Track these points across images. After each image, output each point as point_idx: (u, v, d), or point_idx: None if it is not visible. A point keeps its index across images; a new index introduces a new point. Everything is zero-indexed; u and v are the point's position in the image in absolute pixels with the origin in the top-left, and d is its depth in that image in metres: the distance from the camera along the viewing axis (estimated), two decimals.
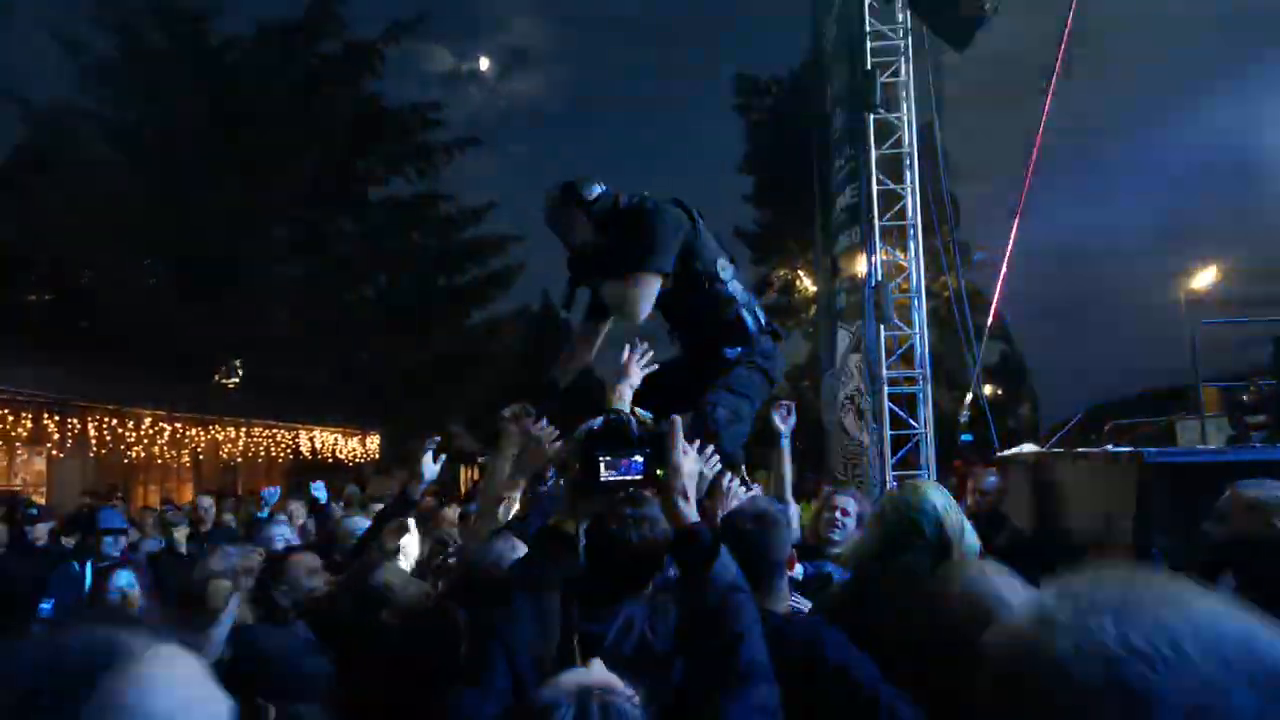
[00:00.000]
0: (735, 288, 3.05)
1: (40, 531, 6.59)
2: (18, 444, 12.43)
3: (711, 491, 2.49)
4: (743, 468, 2.92)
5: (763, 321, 3.10)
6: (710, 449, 2.36)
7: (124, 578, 4.16)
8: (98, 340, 17.13)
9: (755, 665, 1.62)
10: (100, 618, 0.90)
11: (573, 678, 1.30)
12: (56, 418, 11.53)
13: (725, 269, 3.04)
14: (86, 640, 0.80)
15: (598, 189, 2.98)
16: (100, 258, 20.98)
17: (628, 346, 2.66)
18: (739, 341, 3.02)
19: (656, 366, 2.77)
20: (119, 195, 19.63)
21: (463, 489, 16.79)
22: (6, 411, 10.75)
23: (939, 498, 2.41)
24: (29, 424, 11.15)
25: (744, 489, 2.62)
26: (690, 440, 1.95)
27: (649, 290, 2.84)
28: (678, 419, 1.98)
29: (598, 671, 1.36)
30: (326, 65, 23.47)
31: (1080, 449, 5.80)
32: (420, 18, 25.01)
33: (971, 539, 2.38)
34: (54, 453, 12.38)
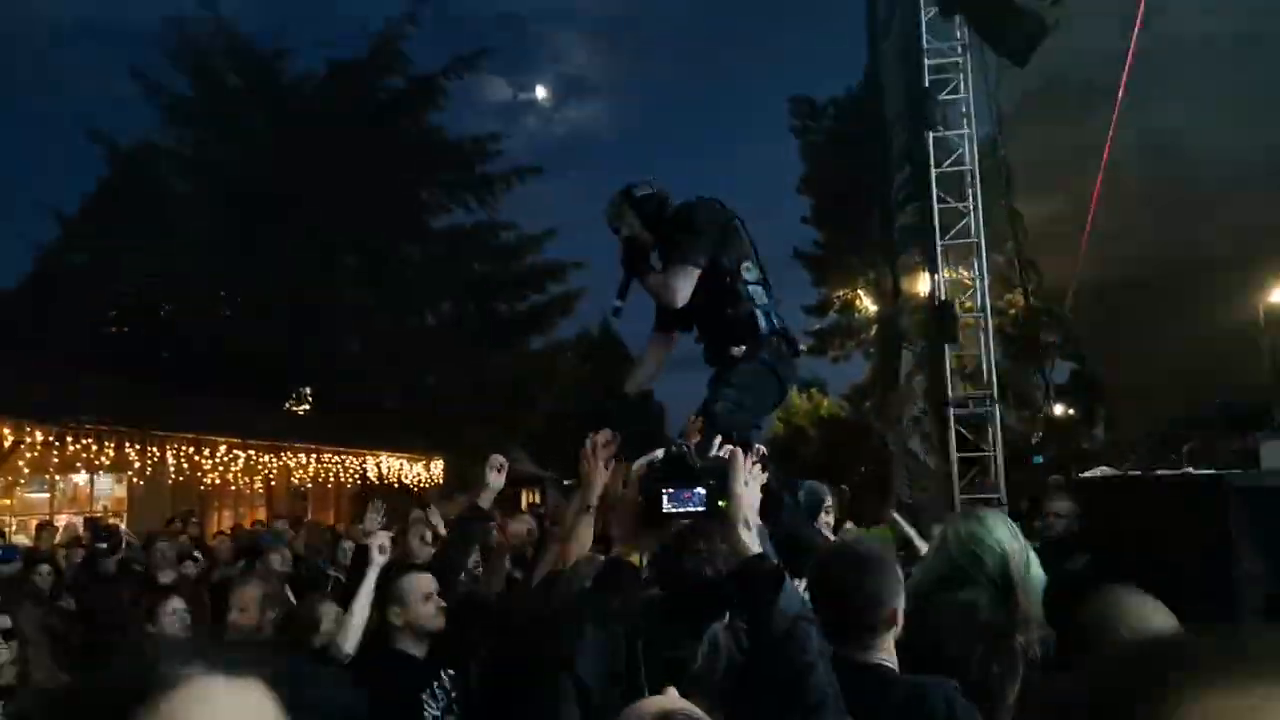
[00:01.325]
0: (756, 290, 3.13)
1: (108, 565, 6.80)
2: (100, 471, 12.92)
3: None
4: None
5: (778, 327, 3.13)
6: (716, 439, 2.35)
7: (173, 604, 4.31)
8: (177, 369, 17.75)
9: (826, 697, 1.60)
10: (169, 646, 0.91)
11: (651, 703, 1.30)
12: (137, 446, 11.95)
13: (750, 270, 3.15)
14: (124, 671, 0.80)
15: (649, 189, 3.24)
16: (178, 290, 21.83)
17: (730, 449, 2.15)
18: (746, 339, 3.08)
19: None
20: (196, 229, 20.42)
21: (523, 509, 16.88)
22: (90, 440, 11.18)
23: (1003, 530, 2.32)
24: (111, 451, 11.58)
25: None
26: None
27: (684, 280, 3.03)
28: (738, 449, 1.97)
29: (673, 697, 1.36)
30: (391, 100, 24.17)
31: (1159, 471, 5.59)
32: (480, 51, 25.65)
33: (1037, 575, 2.29)
34: (134, 480, 12.83)
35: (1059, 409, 12.01)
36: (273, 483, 15.93)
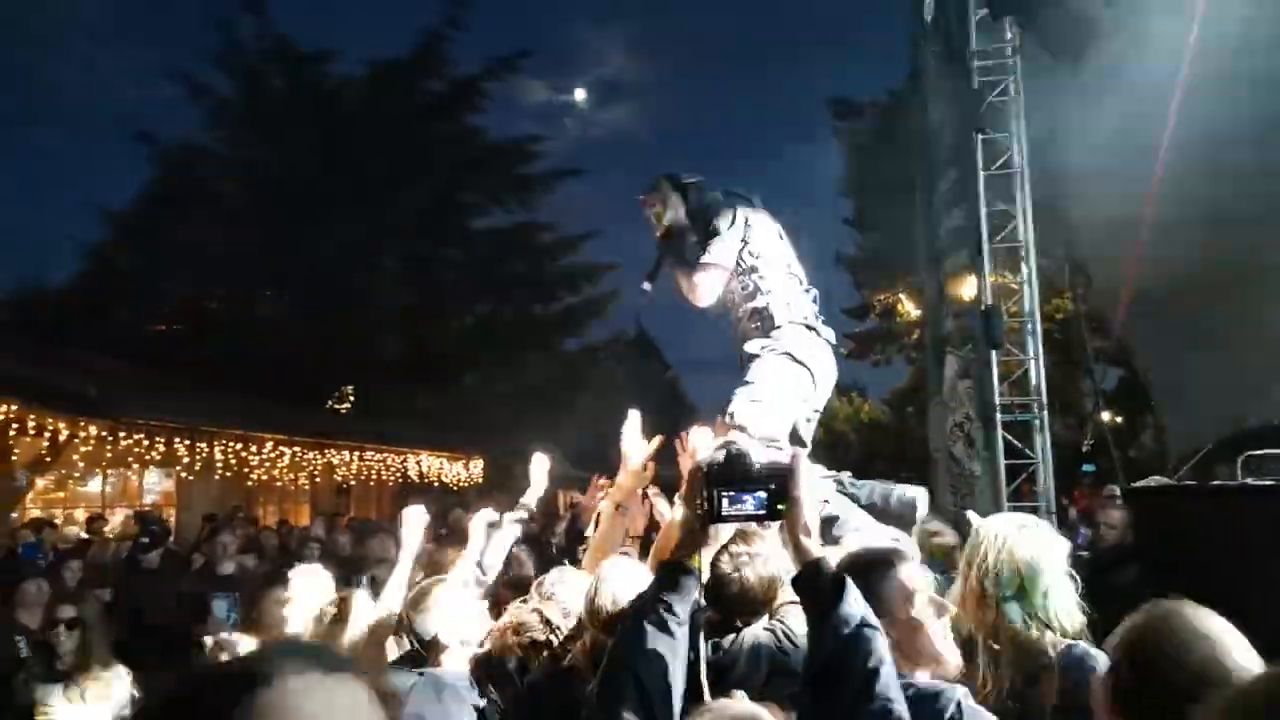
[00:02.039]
0: (775, 280, 3.15)
1: (152, 558, 6.93)
2: (149, 465, 13.18)
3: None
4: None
5: (798, 316, 3.12)
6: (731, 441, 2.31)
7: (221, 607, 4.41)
8: (223, 367, 18.07)
9: (891, 706, 1.57)
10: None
11: (724, 707, 1.29)
12: (187, 442, 12.18)
13: (773, 267, 3.18)
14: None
15: (694, 179, 3.36)
16: (224, 289, 22.26)
17: (792, 451, 2.01)
18: (761, 331, 3.10)
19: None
20: (240, 230, 20.80)
21: (560, 511, 16.94)
22: (141, 436, 11.41)
23: (1028, 549, 2.26)
24: (161, 447, 11.82)
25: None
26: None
27: (713, 281, 3.11)
28: (800, 451, 1.95)
29: (747, 702, 1.35)
30: (432, 103, 24.41)
31: (1215, 483, 5.46)
32: (520, 53, 25.83)
33: (1062, 596, 2.25)
34: (183, 475, 13.08)
35: (1106, 416, 11.77)
36: (317, 479, 16.15)
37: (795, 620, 2.20)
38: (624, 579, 2.38)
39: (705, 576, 2.02)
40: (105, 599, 5.91)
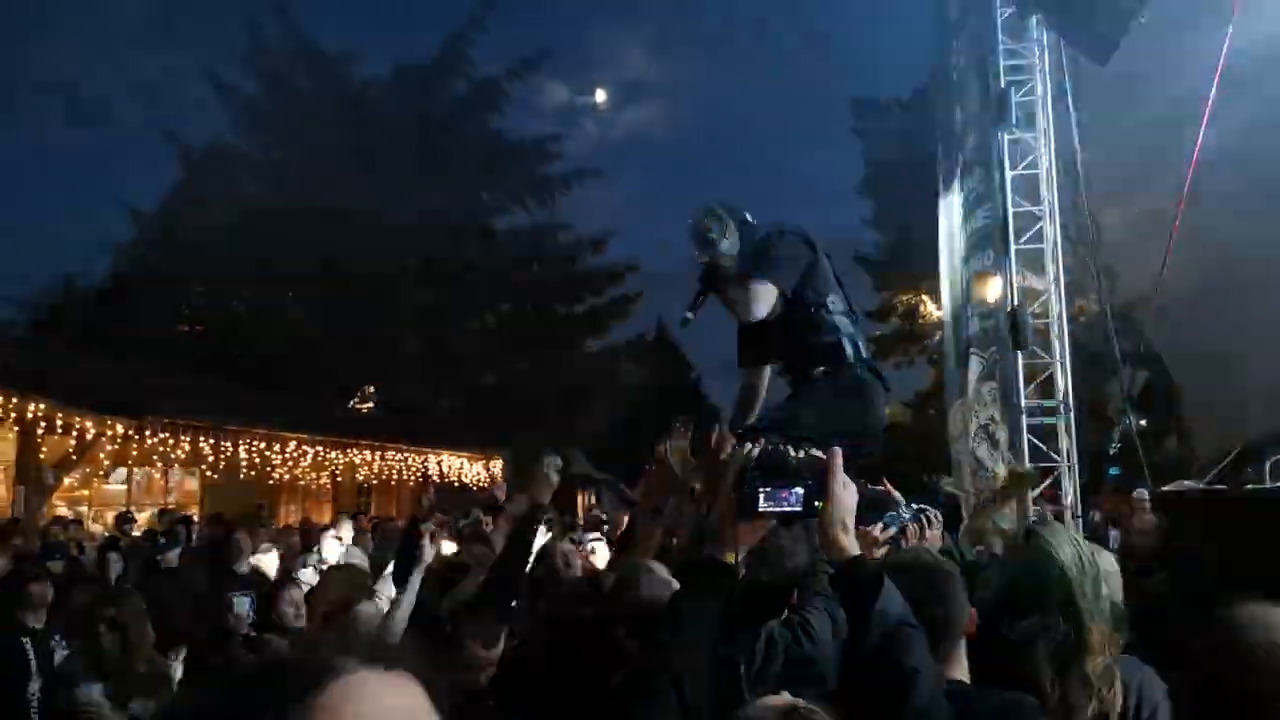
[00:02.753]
0: (841, 321, 3.12)
1: (171, 557, 7.00)
2: (174, 465, 13.33)
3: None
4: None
5: (864, 355, 3.10)
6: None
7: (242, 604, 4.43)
8: (247, 367, 18.24)
9: (933, 705, 1.56)
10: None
11: (777, 700, 1.29)
12: (212, 441, 12.30)
13: (835, 303, 3.15)
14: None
15: (745, 216, 3.26)
16: (249, 289, 22.46)
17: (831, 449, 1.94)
18: (829, 363, 3.07)
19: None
20: (266, 230, 20.97)
21: (579, 513, 16.97)
22: (166, 435, 11.54)
23: (1069, 553, 2.19)
24: (186, 446, 11.94)
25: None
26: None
27: (765, 295, 3.05)
28: (837, 449, 1.93)
29: (792, 698, 1.35)
30: (455, 103, 24.54)
31: (1249, 486, 5.40)
32: (542, 53, 25.91)
33: (1104, 599, 2.19)
34: (208, 474, 13.22)
35: (1131, 419, 11.64)
36: (339, 478, 16.27)
37: (815, 614, 2.20)
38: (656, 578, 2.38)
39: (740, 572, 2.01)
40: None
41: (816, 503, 1.82)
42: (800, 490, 1.82)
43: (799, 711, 1.25)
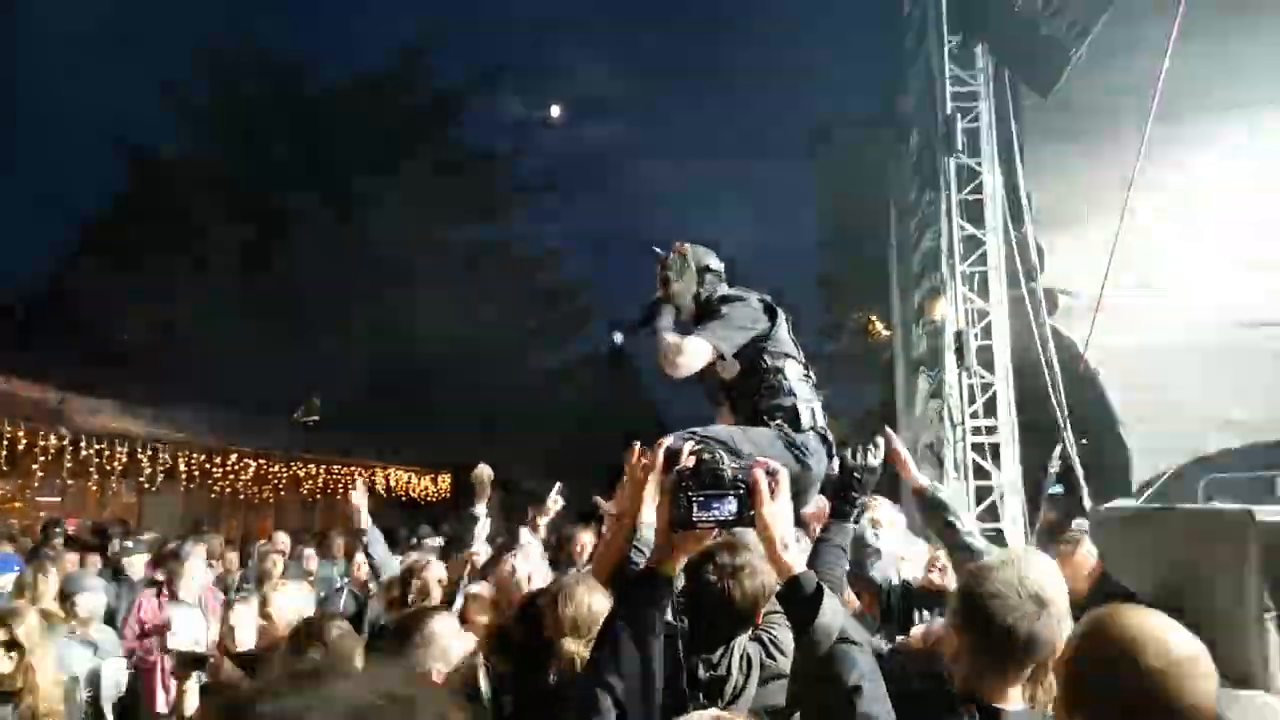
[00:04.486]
0: (800, 387, 3.08)
1: (135, 563, 6.79)
2: (111, 477, 12.94)
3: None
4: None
5: (819, 424, 3.04)
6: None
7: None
8: (190, 379, 17.79)
9: (876, 716, 1.55)
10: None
11: (704, 715, 1.28)
12: (149, 453, 11.98)
13: (793, 368, 3.11)
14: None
15: (716, 262, 3.30)
16: (192, 300, 21.96)
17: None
18: (786, 424, 3.00)
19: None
20: (212, 240, 20.56)
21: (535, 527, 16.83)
22: (102, 446, 11.21)
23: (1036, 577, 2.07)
24: (123, 458, 11.62)
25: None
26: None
27: (698, 356, 2.98)
28: (760, 472, 1.91)
29: (720, 713, 1.34)
30: (412, 115, 24.38)
31: (1183, 505, 5.53)
32: (500, 68, 25.93)
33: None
34: (146, 486, 12.86)
35: (1073, 440, 11.89)
36: (282, 493, 15.93)
37: (780, 630, 2.20)
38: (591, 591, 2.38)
39: (680, 584, 2.00)
40: None
41: (751, 512, 1.83)
42: (733, 500, 1.83)
43: None
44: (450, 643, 2.76)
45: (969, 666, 1.89)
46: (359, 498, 4.57)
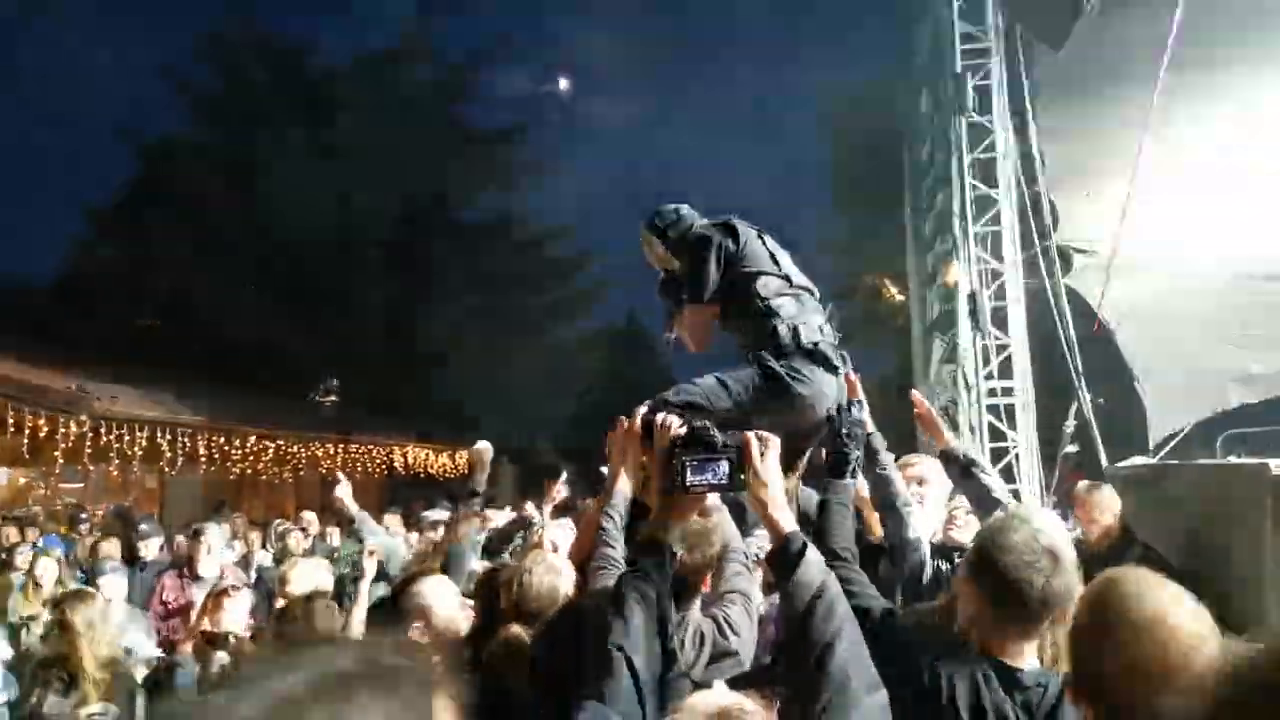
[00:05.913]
0: (778, 303, 2.99)
1: (152, 546, 6.85)
2: (133, 462, 13.09)
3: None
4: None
5: (804, 342, 2.91)
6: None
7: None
8: (206, 362, 17.94)
9: (850, 672, 1.54)
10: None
11: (707, 700, 1.29)
12: (169, 437, 12.10)
13: (769, 284, 3.03)
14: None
15: (672, 216, 3.26)
16: (208, 284, 22.11)
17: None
18: (764, 345, 2.93)
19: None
20: (224, 223, 20.63)
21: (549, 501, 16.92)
22: (123, 431, 11.33)
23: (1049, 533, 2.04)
24: (144, 442, 11.73)
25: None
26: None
27: (698, 322, 3.10)
28: (752, 436, 1.92)
29: (726, 692, 1.34)
30: (418, 93, 24.26)
31: (1200, 460, 5.49)
32: (502, 43, 25.74)
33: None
34: (167, 470, 13.00)
35: (1090, 398, 11.81)
36: (302, 473, 16.08)
37: (734, 609, 2.25)
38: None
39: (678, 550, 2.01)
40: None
41: (742, 476, 1.84)
42: (725, 465, 1.85)
43: (733, 711, 1.26)
44: (429, 603, 2.80)
45: (984, 624, 1.88)
46: (342, 490, 4.67)
